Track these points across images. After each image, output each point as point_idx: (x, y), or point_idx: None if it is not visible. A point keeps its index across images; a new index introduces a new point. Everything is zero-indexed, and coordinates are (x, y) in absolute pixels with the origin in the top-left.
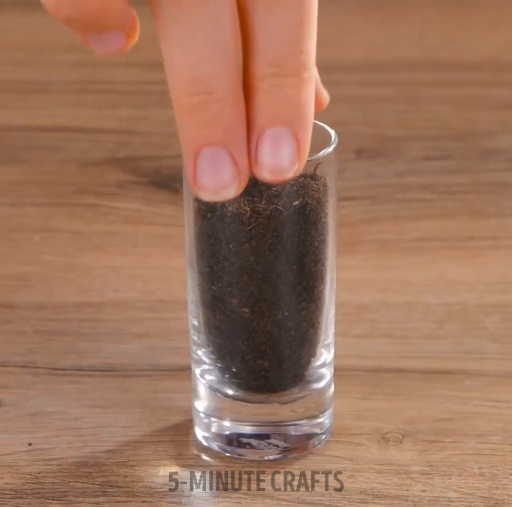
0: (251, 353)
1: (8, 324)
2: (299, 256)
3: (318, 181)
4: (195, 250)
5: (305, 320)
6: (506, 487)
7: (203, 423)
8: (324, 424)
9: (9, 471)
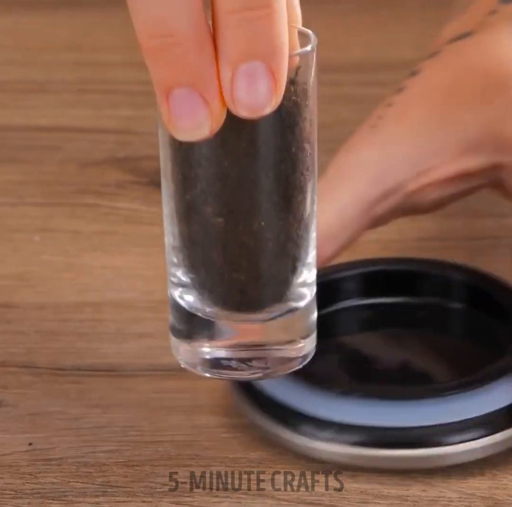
0: (227, 266)
1: (8, 324)
2: (275, 162)
3: (296, 85)
4: (168, 158)
5: (283, 232)
6: (506, 487)
7: (183, 347)
8: (305, 348)
9: (9, 471)
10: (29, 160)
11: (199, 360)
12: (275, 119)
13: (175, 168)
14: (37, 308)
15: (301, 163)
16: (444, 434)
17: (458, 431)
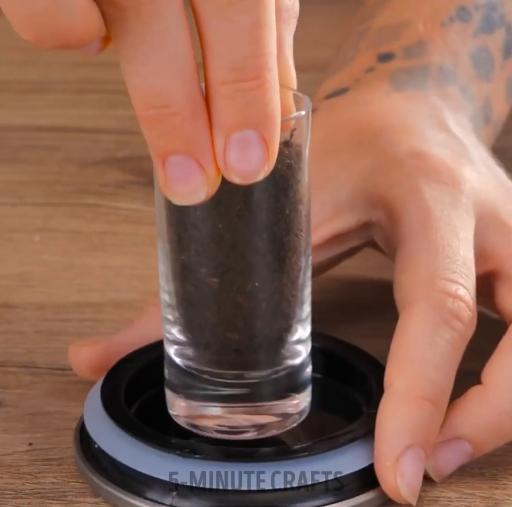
0: (221, 326)
1: (8, 324)
2: (269, 224)
3: (290, 147)
4: (164, 219)
5: (277, 292)
6: (506, 487)
7: (177, 402)
8: (300, 405)
9: (9, 471)
10: (29, 160)
11: (193, 416)
12: (269, 182)
13: (170, 229)
14: (37, 308)
15: (294, 224)
16: (291, 499)
17: (306, 496)
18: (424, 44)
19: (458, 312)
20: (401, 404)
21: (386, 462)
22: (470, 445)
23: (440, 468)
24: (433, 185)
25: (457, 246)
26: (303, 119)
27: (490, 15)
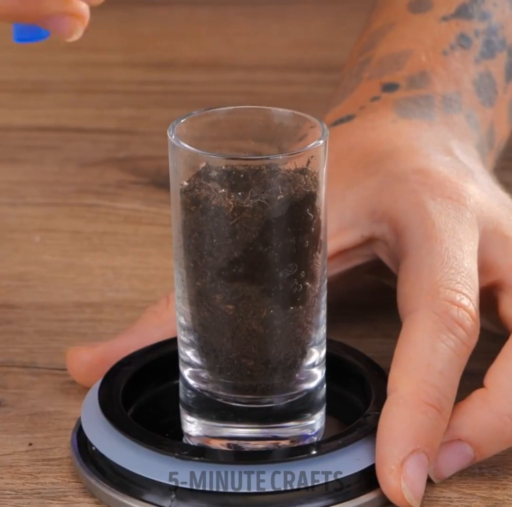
0: (236, 352)
1: (8, 324)
2: (284, 253)
3: (307, 175)
4: (180, 244)
5: (292, 319)
6: (506, 487)
7: (191, 424)
8: (315, 426)
9: (9, 471)
10: (29, 160)
11: (206, 438)
12: (285, 211)
13: (186, 255)
14: (37, 308)
15: (311, 251)
16: (291, 500)
17: (306, 497)
18: (426, 74)
19: (462, 321)
20: (405, 408)
21: (390, 466)
22: (471, 448)
23: (440, 469)
24: (438, 200)
25: (461, 258)
26: (320, 148)
27: (490, 40)
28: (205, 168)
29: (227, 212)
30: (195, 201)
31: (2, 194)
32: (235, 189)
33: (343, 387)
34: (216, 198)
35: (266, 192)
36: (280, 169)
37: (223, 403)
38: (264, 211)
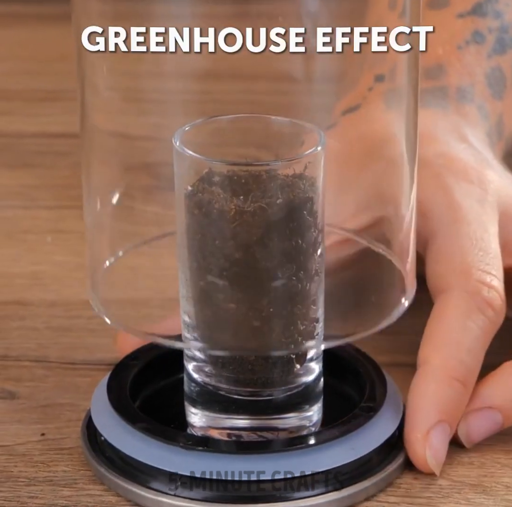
0: (237, 347)
1: (21, 320)
2: (283, 254)
3: (305, 180)
4: (184, 245)
5: (290, 316)
6: (493, 474)
7: (195, 415)
8: (313, 417)
9: (22, 460)
10: (42, 165)
11: (209, 428)
12: (283, 215)
13: (190, 256)
14: (49, 305)
15: (308, 253)
16: (289, 488)
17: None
18: (443, 66)
19: (492, 301)
20: (434, 382)
21: (417, 434)
22: (501, 415)
23: (471, 435)
24: (462, 184)
25: (488, 240)
26: (318, 154)
27: (502, 37)
28: (208, 173)
29: (229, 215)
30: (199, 205)
31: (16, 197)
32: (237, 193)
33: (339, 381)
34: (218, 202)
35: (266, 197)
36: (279, 175)
37: (225, 396)
38: (264, 214)
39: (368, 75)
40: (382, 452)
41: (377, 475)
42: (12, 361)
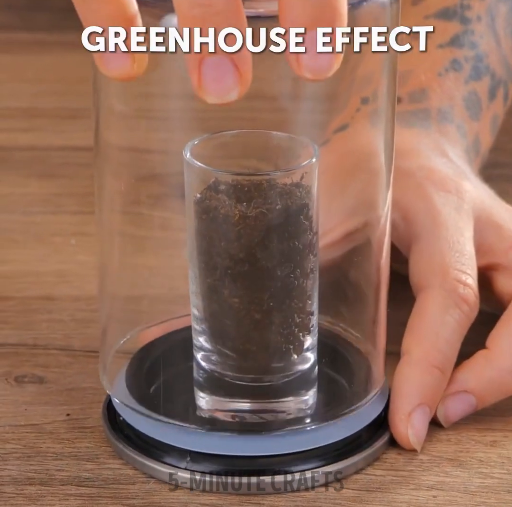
0: (241, 338)
1: (49, 313)
2: (283, 254)
3: (302, 188)
4: (193, 246)
5: (288, 310)
6: (468, 450)
7: (203, 399)
8: (309, 401)
9: (50, 437)
10: (66, 176)
11: (216, 410)
12: (282, 218)
13: (199, 256)
14: (73, 299)
15: (304, 252)
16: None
17: (302, 460)
18: (425, 91)
19: (467, 297)
20: (415, 369)
21: (400, 415)
22: (474, 398)
23: (448, 415)
24: (441, 193)
25: (464, 243)
26: (313, 165)
27: (477, 65)
28: (214, 182)
29: (233, 220)
30: (206, 210)
31: (44, 204)
32: (240, 200)
33: (332, 369)
34: (224, 208)
35: (267, 203)
36: (278, 184)
37: (230, 382)
38: (264, 219)
39: (355, 98)
40: (370, 431)
41: (365, 451)
42: (41, 350)
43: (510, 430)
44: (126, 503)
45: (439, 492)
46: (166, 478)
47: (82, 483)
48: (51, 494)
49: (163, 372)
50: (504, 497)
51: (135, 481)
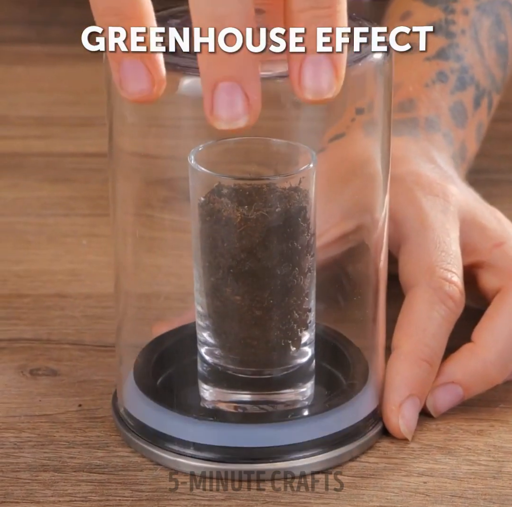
0: (242, 333)
1: (61, 310)
2: (282, 254)
3: (300, 192)
4: (198, 247)
5: (287, 307)
6: (457, 439)
7: (206, 391)
8: (307, 393)
9: (63, 427)
10: (78, 180)
11: (219, 401)
12: (281, 221)
13: (203, 256)
14: (85, 297)
15: (303, 252)
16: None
17: (301, 449)
18: (413, 101)
19: (452, 294)
20: (405, 363)
21: (392, 406)
22: (461, 389)
23: (437, 406)
24: (428, 197)
25: (449, 243)
26: (311, 170)
27: (463, 76)
28: (218, 186)
29: (235, 222)
30: (210, 213)
31: (58, 207)
32: (242, 203)
33: (328, 362)
34: (226, 210)
35: (267, 206)
36: (278, 188)
37: (232, 374)
38: (265, 221)
39: (350, 109)
40: (364, 421)
41: (359, 439)
42: (54, 344)
43: (495, 420)
44: (134, 488)
45: (429, 478)
46: (172, 465)
47: (93, 470)
48: (64, 480)
49: (169, 365)
50: (490, 482)
51: (143, 468)
